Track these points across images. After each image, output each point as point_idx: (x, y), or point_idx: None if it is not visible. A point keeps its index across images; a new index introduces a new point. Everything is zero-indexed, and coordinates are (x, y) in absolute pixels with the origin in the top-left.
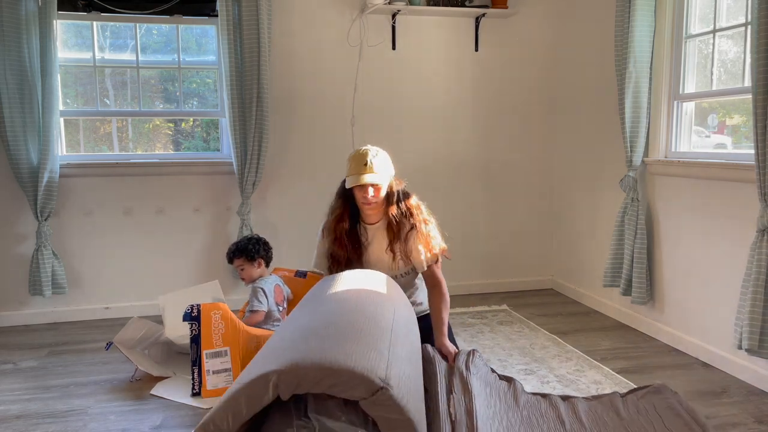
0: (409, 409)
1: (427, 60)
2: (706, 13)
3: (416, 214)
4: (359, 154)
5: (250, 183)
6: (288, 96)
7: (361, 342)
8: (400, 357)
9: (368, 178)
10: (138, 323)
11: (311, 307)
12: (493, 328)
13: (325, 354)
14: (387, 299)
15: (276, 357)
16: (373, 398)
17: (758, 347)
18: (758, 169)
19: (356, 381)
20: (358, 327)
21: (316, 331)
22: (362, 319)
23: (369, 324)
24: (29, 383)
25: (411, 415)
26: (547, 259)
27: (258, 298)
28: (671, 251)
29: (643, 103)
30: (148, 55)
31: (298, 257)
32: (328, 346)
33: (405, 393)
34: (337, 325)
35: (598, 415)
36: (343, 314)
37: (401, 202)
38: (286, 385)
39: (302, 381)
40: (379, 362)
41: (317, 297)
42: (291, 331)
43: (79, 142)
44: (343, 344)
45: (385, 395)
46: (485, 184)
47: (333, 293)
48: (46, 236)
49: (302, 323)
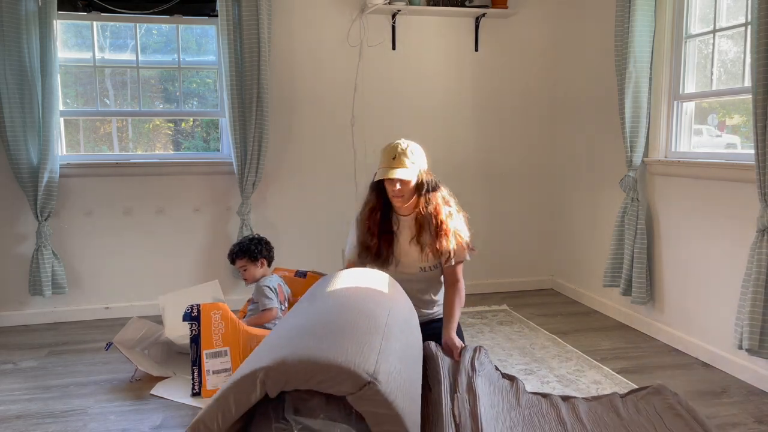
0: (397, 405)
1: (427, 60)
2: (706, 13)
3: (442, 208)
4: (390, 147)
5: (250, 183)
6: (288, 96)
7: (353, 338)
8: (392, 353)
9: (394, 173)
10: (138, 323)
11: (307, 305)
12: (493, 328)
13: (314, 350)
14: (384, 297)
15: (265, 355)
16: (360, 393)
17: (759, 347)
18: (758, 169)
19: (343, 376)
20: (351, 324)
21: (308, 328)
22: (356, 316)
23: (362, 321)
24: (29, 383)
25: (399, 410)
26: (547, 259)
27: (267, 296)
28: (671, 251)
29: (643, 103)
30: (148, 55)
31: (298, 257)
32: (318, 342)
33: (394, 388)
34: (330, 323)
35: (598, 415)
36: (338, 312)
37: (429, 194)
38: (273, 382)
39: (290, 378)
40: (369, 357)
41: (314, 296)
42: (285, 330)
43: (79, 142)
44: (333, 341)
45: (372, 390)
46: (485, 183)
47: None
48: (46, 236)
49: (296, 322)
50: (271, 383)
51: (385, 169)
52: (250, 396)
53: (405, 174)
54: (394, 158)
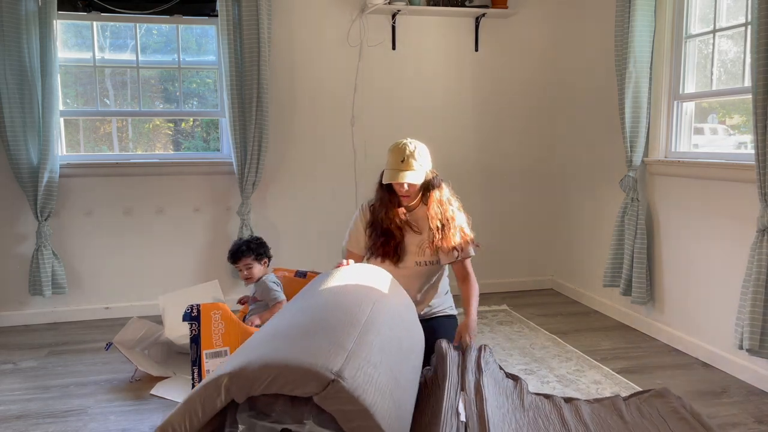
0: (365, 399)
1: (427, 60)
2: (706, 13)
3: (447, 206)
4: (398, 148)
5: (250, 183)
6: (288, 96)
7: (324, 337)
8: (367, 348)
9: (404, 176)
10: (138, 323)
11: (291, 306)
12: (493, 328)
13: (279, 353)
14: (371, 292)
15: (234, 359)
16: (324, 392)
17: (759, 347)
18: (758, 169)
19: (308, 377)
20: (325, 322)
21: (283, 331)
22: (332, 314)
23: (338, 318)
24: (29, 383)
25: (366, 404)
26: (547, 259)
27: (275, 289)
28: (671, 251)
29: (643, 103)
30: (148, 55)
31: (298, 257)
32: (288, 345)
33: (363, 382)
34: (305, 323)
35: (602, 418)
36: (316, 311)
37: (434, 192)
38: (238, 388)
39: (253, 383)
40: (336, 356)
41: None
42: (263, 333)
43: (79, 142)
44: (301, 342)
45: (337, 387)
46: (485, 183)
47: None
48: (46, 236)
49: (274, 323)
50: (236, 389)
51: (394, 171)
52: (216, 401)
53: (413, 177)
54: (403, 161)
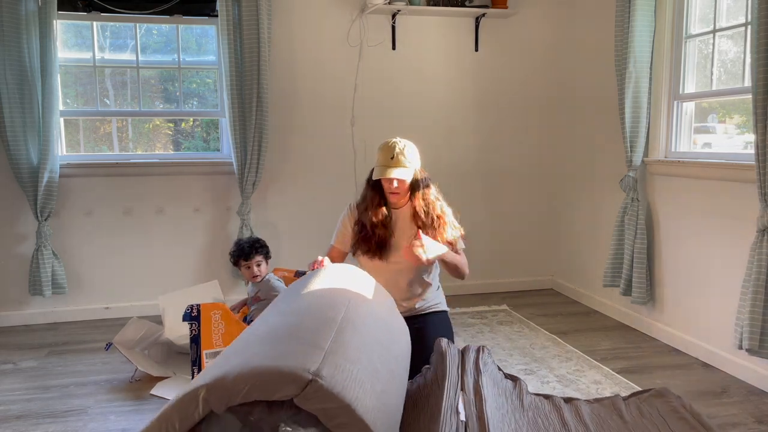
0: (346, 395)
1: (427, 60)
2: (706, 13)
3: (435, 203)
4: (388, 146)
5: (250, 183)
6: (288, 96)
7: (298, 340)
8: (344, 346)
9: (393, 172)
10: (138, 323)
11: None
12: (493, 328)
13: (254, 360)
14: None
15: (210, 371)
16: (304, 393)
17: (759, 347)
18: (758, 169)
19: (286, 380)
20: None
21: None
22: (309, 317)
23: (315, 319)
24: (29, 383)
25: (348, 399)
26: (547, 259)
27: (282, 286)
28: (671, 251)
29: (643, 103)
30: (148, 55)
31: (298, 257)
32: (262, 351)
33: (343, 379)
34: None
35: (601, 418)
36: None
37: (423, 190)
38: (216, 399)
39: (231, 393)
40: (312, 356)
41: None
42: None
43: (79, 142)
44: (278, 347)
45: (315, 386)
46: (485, 183)
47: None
48: (46, 236)
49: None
50: (214, 400)
51: (384, 168)
52: (193, 413)
53: (403, 174)
54: (393, 158)
